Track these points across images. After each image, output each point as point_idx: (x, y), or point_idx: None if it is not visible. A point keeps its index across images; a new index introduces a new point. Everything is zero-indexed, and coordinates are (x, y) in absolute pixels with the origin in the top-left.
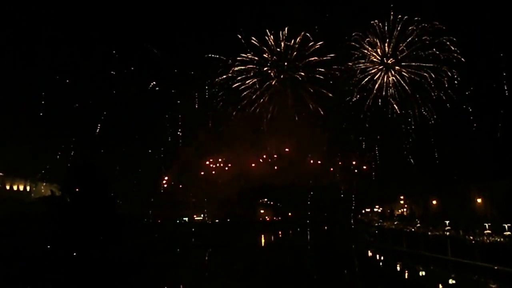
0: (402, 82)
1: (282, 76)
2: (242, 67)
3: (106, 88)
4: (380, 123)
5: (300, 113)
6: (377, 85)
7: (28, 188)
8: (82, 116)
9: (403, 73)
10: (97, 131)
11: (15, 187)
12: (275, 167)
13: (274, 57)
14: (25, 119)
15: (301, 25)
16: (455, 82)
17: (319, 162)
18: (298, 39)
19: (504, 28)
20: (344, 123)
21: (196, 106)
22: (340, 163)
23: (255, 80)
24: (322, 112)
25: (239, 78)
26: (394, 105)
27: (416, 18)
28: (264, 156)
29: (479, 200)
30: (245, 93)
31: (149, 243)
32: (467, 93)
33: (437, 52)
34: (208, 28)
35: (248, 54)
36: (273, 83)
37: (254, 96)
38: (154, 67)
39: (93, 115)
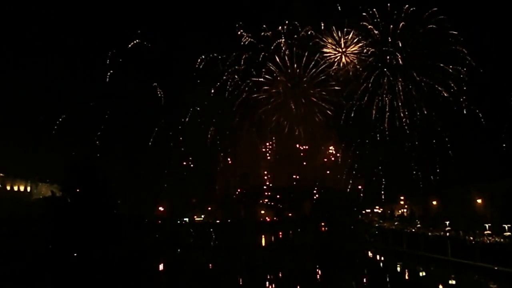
0: (409, 84)
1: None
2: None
3: (107, 89)
4: (382, 123)
5: (304, 114)
6: (381, 86)
7: (28, 189)
8: (83, 116)
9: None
10: (99, 131)
11: (15, 188)
12: (277, 168)
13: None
14: (26, 120)
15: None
16: (463, 83)
17: (320, 163)
18: (301, 34)
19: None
20: (348, 123)
21: (198, 108)
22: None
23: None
24: (329, 112)
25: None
26: (400, 104)
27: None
28: (266, 157)
29: (479, 201)
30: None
31: (149, 244)
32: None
33: (445, 42)
34: (206, 27)
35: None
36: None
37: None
38: (156, 67)
39: (94, 115)
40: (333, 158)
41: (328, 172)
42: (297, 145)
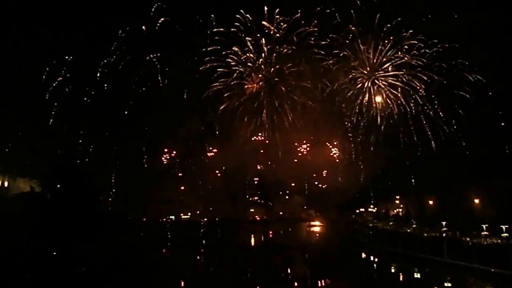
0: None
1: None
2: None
3: (88, 80)
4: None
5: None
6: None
7: (6, 184)
8: (64, 108)
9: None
10: (82, 124)
11: None
12: (270, 165)
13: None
14: (2, 112)
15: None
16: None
17: (315, 160)
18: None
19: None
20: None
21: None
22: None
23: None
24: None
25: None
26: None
27: None
28: (260, 152)
29: (476, 201)
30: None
31: (133, 242)
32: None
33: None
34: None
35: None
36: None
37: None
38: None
39: (76, 108)
40: (330, 155)
41: (322, 169)
42: (290, 142)
